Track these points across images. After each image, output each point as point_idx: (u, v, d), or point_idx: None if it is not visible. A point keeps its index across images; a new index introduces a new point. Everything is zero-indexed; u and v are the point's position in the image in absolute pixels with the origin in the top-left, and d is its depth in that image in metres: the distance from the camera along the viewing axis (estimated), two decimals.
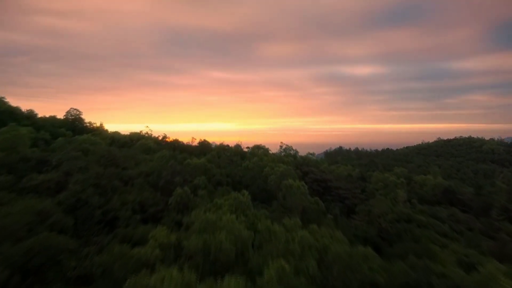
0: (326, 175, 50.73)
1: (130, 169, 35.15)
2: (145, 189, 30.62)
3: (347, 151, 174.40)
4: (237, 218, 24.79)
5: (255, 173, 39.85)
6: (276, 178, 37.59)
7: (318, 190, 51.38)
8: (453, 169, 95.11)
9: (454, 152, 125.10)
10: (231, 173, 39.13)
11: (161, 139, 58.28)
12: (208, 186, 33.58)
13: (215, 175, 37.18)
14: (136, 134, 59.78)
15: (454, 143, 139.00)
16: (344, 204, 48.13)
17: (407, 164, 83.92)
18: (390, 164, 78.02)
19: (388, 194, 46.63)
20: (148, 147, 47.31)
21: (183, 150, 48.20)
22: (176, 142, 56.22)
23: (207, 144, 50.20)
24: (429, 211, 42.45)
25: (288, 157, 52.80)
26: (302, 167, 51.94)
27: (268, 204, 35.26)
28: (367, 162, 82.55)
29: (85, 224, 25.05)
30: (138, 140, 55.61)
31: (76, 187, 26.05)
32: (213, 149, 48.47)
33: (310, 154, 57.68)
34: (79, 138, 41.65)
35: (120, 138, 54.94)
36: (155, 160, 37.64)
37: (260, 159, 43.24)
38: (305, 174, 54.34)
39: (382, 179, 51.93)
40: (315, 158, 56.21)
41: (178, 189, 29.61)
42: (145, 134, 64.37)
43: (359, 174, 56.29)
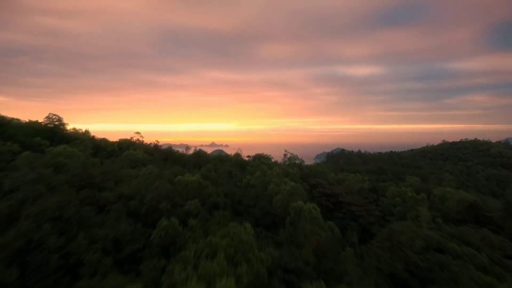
0: (336, 188, 44.57)
1: (108, 190, 28.86)
2: (123, 219, 24.32)
3: (350, 153, 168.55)
4: (238, 266, 18.70)
5: (258, 191, 33.67)
6: (282, 199, 31.40)
7: (327, 206, 45.30)
8: (463, 174, 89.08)
9: (461, 156, 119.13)
10: (230, 191, 32.92)
11: (153, 147, 51.88)
12: (201, 212, 27.31)
13: (211, 196, 30.94)
14: (125, 142, 53.41)
15: (460, 146, 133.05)
16: (357, 223, 42.09)
17: (417, 171, 77.77)
18: (400, 172, 71.84)
19: (408, 212, 40.54)
20: (136, 158, 41.04)
21: (176, 161, 41.97)
22: (169, 151, 49.98)
23: (203, 154, 43.69)
24: (458, 233, 36.24)
25: (293, 167, 46.58)
26: (309, 178, 45.84)
27: (274, 231, 29.11)
28: (375, 168, 76.32)
29: (37, 274, 18.91)
30: (127, 148, 49.36)
31: (27, 223, 19.82)
32: (210, 160, 42.08)
33: (317, 163, 51.48)
34: (53, 150, 35.29)
35: (107, 147, 48.67)
36: (141, 177, 31.41)
37: (263, 173, 37.03)
38: (313, 187, 48.21)
39: (399, 193, 45.74)
40: (323, 169, 49.94)
41: (163, 221, 23.43)
42: (136, 141, 58.11)
43: (371, 185, 50.11)
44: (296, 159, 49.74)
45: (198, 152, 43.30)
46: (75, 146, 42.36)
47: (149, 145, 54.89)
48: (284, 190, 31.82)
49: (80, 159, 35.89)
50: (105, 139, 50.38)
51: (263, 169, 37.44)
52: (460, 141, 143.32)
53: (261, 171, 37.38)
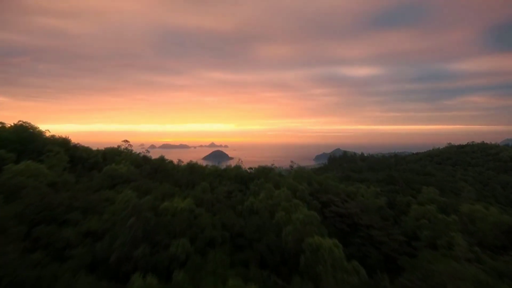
0: (351, 206, 38.05)
1: (72, 225, 22.24)
2: (82, 274, 17.63)
3: (352, 156, 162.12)
4: None
5: (263, 219, 27.05)
6: (294, 232, 24.82)
7: (342, 229, 38.70)
8: (478, 182, 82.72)
9: (470, 161, 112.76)
10: (229, 221, 26.32)
11: (142, 157, 44.93)
12: (192, 256, 20.64)
13: (204, 229, 24.34)
14: (112, 151, 46.54)
15: (468, 150, 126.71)
16: (379, 251, 35.60)
17: (429, 179, 71.27)
18: (413, 180, 65.32)
19: (439, 238, 34.07)
20: (119, 174, 34.28)
21: (166, 176, 35.16)
22: (160, 162, 43.21)
23: (197, 169, 36.74)
24: (505, 268, 29.80)
25: (301, 181, 39.94)
26: (319, 194, 39.28)
27: (285, 279, 22.58)
28: (385, 176, 69.78)
29: None
30: (112, 159, 42.58)
31: None
32: (206, 175, 35.16)
33: (328, 176, 44.87)
34: (12, 168, 28.51)
35: (89, 157, 41.91)
36: (117, 204, 24.79)
37: (268, 194, 30.39)
38: (325, 206, 41.57)
39: (423, 212, 39.27)
40: (334, 182, 43.26)
41: (137, 278, 16.84)
42: (124, 150, 51.27)
43: (386, 199, 43.56)
44: (304, 171, 43.35)
45: (193, 166, 36.21)
46: (48, 159, 35.64)
47: (138, 154, 47.92)
48: (296, 220, 25.21)
49: (46, 178, 29.14)
50: (88, 149, 43.50)
51: (268, 189, 30.78)
52: (467, 144, 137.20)
53: (266, 191, 30.74)
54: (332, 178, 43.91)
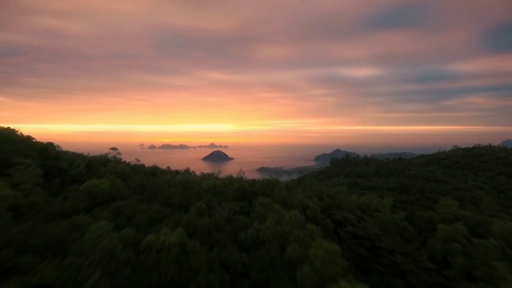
0: (369, 226, 32.46)
1: (20, 274, 16.72)
2: None
3: (355, 159, 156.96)
4: None
5: (272, 254, 21.61)
6: (312, 274, 19.44)
7: (360, 254, 33.03)
8: (492, 189, 77.47)
9: (478, 164, 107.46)
10: (230, 257, 20.83)
11: (133, 166, 39.12)
12: None
13: (198, 272, 18.92)
14: (99, 160, 40.69)
15: (475, 153, 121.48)
16: (406, 283, 29.96)
17: (443, 186, 65.93)
18: (426, 188, 59.97)
19: (477, 268, 28.64)
20: (100, 191, 28.70)
21: (155, 194, 29.42)
22: (152, 172, 37.56)
23: (193, 187, 30.39)
24: None
25: (311, 194, 34.45)
26: (332, 211, 33.77)
27: None
28: (396, 184, 64.38)
29: None
30: (97, 170, 36.88)
31: None
32: (202, 193, 29.22)
33: (339, 189, 39.28)
34: None
35: (70, 169, 36.15)
36: (86, 240, 19.30)
37: (277, 218, 24.79)
38: (338, 225, 35.86)
39: (452, 233, 33.81)
40: (347, 197, 37.67)
41: None
42: (112, 158, 45.64)
43: (406, 215, 38.11)
44: (314, 183, 37.99)
45: (187, 181, 29.89)
46: (16, 174, 30.07)
47: (128, 164, 42.00)
48: (314, 258, 19.77)
49: (6, 201, 23.55)
50: (72, 157, 37.70)
51: (276, 211, 25.06)
52: (474, 147, 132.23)
53: (273, 213, 25.15)
54: (345, 191, 38.27)
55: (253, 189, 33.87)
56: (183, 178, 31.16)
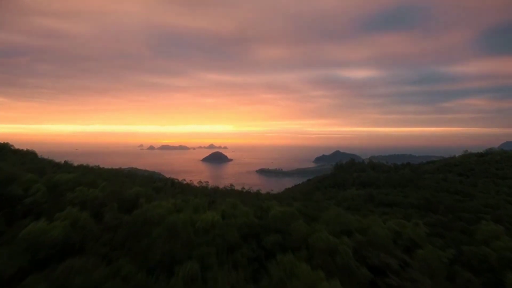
0: (416, 275, 25.21)
1: None
2: None
3: (361, 163, 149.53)
4: None
5: None
6: None
7: None
8: None
9: (496, 172, 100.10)
10: None
11: (110, 193, 30.13)
12: None
13: None
14: (69, 181, 31.59)
15: (490, 159, 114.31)
16: None
17: (469, 201, 58.43)
18: (453, 206, 52.47)
19: None
20: (48, 241, 20.87)
21: (128, 247, 19.94)
22: (131, 202, 29.17)
23: (182, 230, 20.30)
24: None
25: (337, 228, 26.79)
26: (366, 251, 26.08)
27: None
28: (420, 200, 56.80)
29: None
30: (62, 195, 28.81)
31: None
32: (196, 242, 19.90)
33: (373, 219, 31.52)
34: None
35: (27, 195, 27.90)
36: None
37: (296, 270, 17.05)
38: (377, 274, 28.14)
39: None
40: (384, 231, 29.91)
41: None
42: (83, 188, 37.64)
43: (454, 252, 30.82)
44: (341, 215, 30.37)
45: (174, 224, 19.63)
46: None
47: (104, 188, 32.51)
48: None
49: None
50: (32, 180, 29.29)
51: (302, 273, 16.97)
52: (487, 152, 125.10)
53: (300, 283, 17.14)
54: (378, 222, 30.31)
55: (263, 222, 26.04)
56: (170, 222, 22.23)
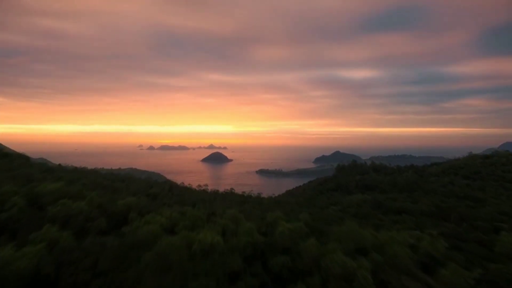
0: None
1: None
2: None
3: (363, 165, 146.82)
4: None
5: None
6: None
7: None
8: None
9: (503, 175, 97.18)
10: None
11: (99, 204, 25.76)
12: None
13: None
14: (52, 192, 27.58)
15: (496, 161, 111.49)
16: None
17: (482, 208, 55.62)
18: (467, 213, 49.62)
19: None
20: (12, 274, 16.62)
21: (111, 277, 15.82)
22: (119, 224, 25.05)
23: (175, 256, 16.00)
24: None
25: (351, 246, 23.94)
26: (386, 275, 23.14)
27: None
28: (431, 207, 53.95)
29: None
30: (42, 208, 25.17)
31: None
32: (192, 271, 15.91)
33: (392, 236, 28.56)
34: None
35: (8, 208, 24.52)
36: None
37: None
38: None
39: None
40: (403, 248, 26.98)
41: None
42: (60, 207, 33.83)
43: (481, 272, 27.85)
44: (356, 231, 27.38)
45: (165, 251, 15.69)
46: None
47: (91, 201, 26.89)
48: None
49: None
50: (11, 191, 25.92)
51: None
52: (492, 155, 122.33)
53: None
54: (397, 238, 27.48)
55: (268, 240, 23.16)
56: (162, 245, 18.18)
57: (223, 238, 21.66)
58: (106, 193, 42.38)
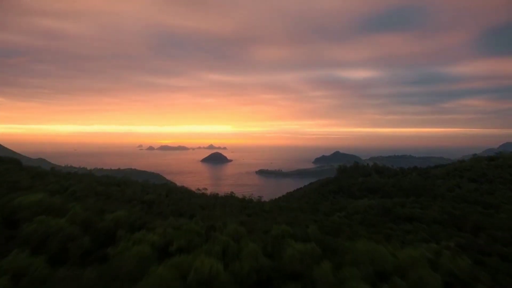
0: None
1: None
2: None
3: (365, 167, 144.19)
4: None
5: None
6: None
7: None
8: None
9: (510, 178, 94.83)
10: None
11: (84, 219, 23.47)
12: None
13: None
14: (31, 205, 25.98)
15: (502, 163, 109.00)
16: None
17: (496, 215, 52.87)
18: (481, 221, 46.84)
19: None
20: None
21: None
22: (106, 245, 23.08)
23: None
24: None
25: (370, 270, 21.30)
26: None
27: None
28: (443, 215, 51.14)
29: None
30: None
31: None
32: None
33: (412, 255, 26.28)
34: None
35: None
36: None
37: None
38: None
39: None
40: (430, 272, 24.32)
41: None
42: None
43: None
44: (375, 249, 25.13)
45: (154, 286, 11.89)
46: None
47: (75, 218, 26.21)
48: None
49: None
50: None
51: None
52: (497, 156, 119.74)
53: None
54: (422, 261, 24.39)
55: (276, 264, 20.03)
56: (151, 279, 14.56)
57: (223, 262, 18.81)
58: (98, 200, 39.46)
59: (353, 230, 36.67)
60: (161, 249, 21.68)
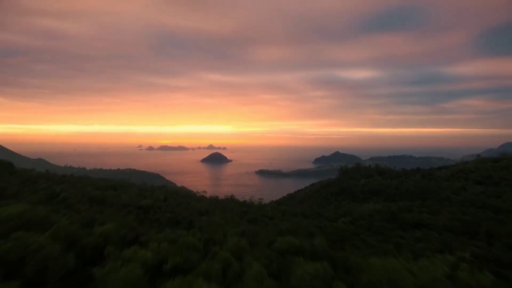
0: None
1: None
2: None
3: (367, 168, 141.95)
4: None
5: None
6: None
7: None
8: None
9: None
10: None
11: (69, 234, 21.95)
12: None
13: None
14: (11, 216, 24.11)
15: (506, 164, 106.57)
16: None
17: (508, 221, 50.65)
18: (494, 228, 44.63)
19: None
20: None
21: None
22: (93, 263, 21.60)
23: None
24: None
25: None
26: None
27: None
28: (453, 221, 48.87)
29: None
30: None
31: None
32: None
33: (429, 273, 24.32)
34: None
35: None
36: None
37: None
38: None
39: None
40: None
41: None
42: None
43: None
44: (393, 268, 23.26)
45: None
46: None
47: (58, 236, 25.10)
48: None
49: None
50: None
51: None
52: (502, 158, 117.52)
53: None
54: (443, 279, 22.09)
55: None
56: None
57: (224, 284, 16.69)
58: (91, 207, 37.35)
59: (361, 238, 34.43)
60: (155, 268, 19.41)
